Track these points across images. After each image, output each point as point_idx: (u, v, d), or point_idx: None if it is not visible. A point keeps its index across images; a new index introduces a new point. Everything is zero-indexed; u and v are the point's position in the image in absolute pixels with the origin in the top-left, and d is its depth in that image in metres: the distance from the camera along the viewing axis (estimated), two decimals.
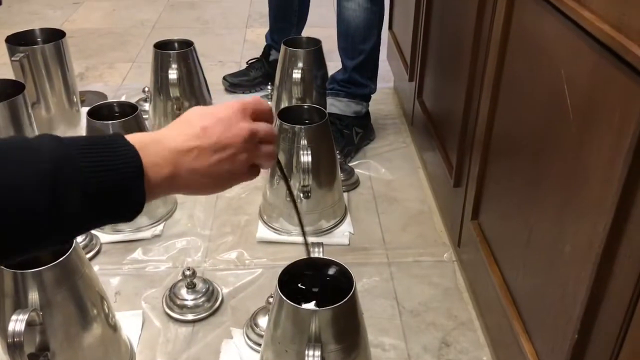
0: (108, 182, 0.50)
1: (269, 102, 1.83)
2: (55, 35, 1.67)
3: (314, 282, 0.92)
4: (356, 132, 1.61)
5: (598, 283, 0.64)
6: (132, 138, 0.54)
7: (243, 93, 1.95)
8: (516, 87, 0.89)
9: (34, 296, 0.86)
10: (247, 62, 2.05)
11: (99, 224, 0.53)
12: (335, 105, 1.60)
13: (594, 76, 0.64)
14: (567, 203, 0.72)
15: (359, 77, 1.59)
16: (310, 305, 0.88)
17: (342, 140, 1.56)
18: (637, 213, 0.57)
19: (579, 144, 0.68)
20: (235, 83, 1.97)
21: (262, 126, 0.62)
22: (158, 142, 0.56)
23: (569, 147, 0.71)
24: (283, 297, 0.82)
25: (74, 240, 0.91)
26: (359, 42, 1.56)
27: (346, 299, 0.82)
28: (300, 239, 1.30)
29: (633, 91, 0.56)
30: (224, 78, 1.99)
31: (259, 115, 0.63)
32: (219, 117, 0.59)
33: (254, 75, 1.96)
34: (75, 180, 0.48)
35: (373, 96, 1.68)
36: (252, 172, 0.64)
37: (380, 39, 1.59)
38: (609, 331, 0.62)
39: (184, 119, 0.59)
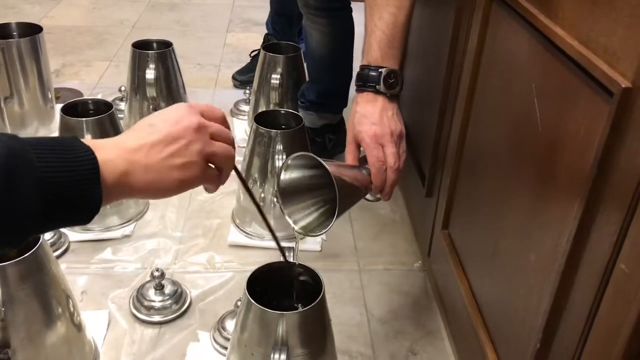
0: (65, 181, 0.49)
1: (247, 106, 1.83)
2: (31, 30, 1.65)
3: (283, 286, 0.92)
4: (329, 139, 1.61)
5: (560, 293, 0.65)
6: (86, 141, 0.54)
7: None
8: (489, 101, 0.91)
9: None
10: (250, 55, 2.07)
11: (55, 225, 0.52)
12: (306, 118, 1.59)
13: (562, 90, 0.66)
14: (533, 214, 0.73)
15: (328, 99, 1.56)
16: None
17: (314, 148, 1.56)
18: (600, 224, 0.58)
19: (547, 156, 0.70)
20: (245, 80, 1.99)
21: (213, 123, 0.63)
22: (111, 142, 0.56)
23: (537, 160, 0.72)
24: (251, 299, 0.82)
25: (41, 237, 0.90)
26: (325, 68, 1.52)
27: (314, 303, 0.82)
28: (272, 244, 1.31)
29: (598, 105, 0.57)
30: (233, 77, 2.05)
31: (208, 117, 0.63)
32: (167, 115, 0.60)
33: None
34: (29, 178, 0.48)
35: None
36: (211, 174, 0.63)
37: (351, 60, 1.54)
38: (570, 342, 0.63)
39: (135, 125, 0.60)
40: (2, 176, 0.46)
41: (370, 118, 0.93)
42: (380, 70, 0.93)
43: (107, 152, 0.54)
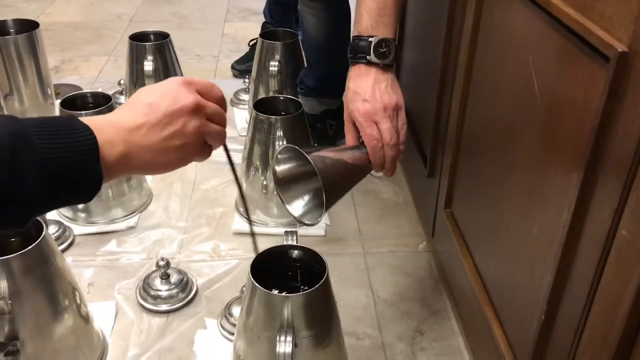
0: (65, 161, 0.50)
1: (246, 95, 1.82)
2: (28, 27, 1.65)
3: (287, 270, 0.92)
4: (329, 125, 1.60)
5: (563, 265, 0.65)
6: (86, 120, 0.54)
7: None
8: (487, 78, 0.90)
9: (2, 284, 0.85)
10: (248, 44, 2.07)
11: (58, 204, 0.53)
12: (306, 104, 1.58)
13: (559, 60, 0.65)
14: (535, 187, 0.73)
15: (327, 85, 1.55)
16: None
17: (315, 134, 1.56)
18: (601, 192, 0.58)
19: (546, 128, 0.69)
20: (244, 70, 1.99)
21: (209, 103, 0.63)
22: (110, 122, 0.56)
23: (536, 132, 0.72)
24: (255, 283, 0.82)
25: (44, 229, 0.90)
26: (322, 54, 1.50)
27: (318, 284, 0.82)
28: (276, 230, 1.31)
29: (595, 72, 0.57)
30: (232, 67, 2.04)
31: (206, 96, 0.63)
32: (164, 91, 0.60)
33: None
34: (31, 158, 0.48)
35: None
36: (204, 149, 0.64)
37: (348, 44, 1.54)
38: (574, 311, 0.63)
39: (131, 100, 0.60)
40: (7, 157, 0.47)
41: (361, 94, 0.89)
42: (370, 39, 0.89)
43: (106, 133, 0.54)
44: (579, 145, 0.60)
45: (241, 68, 2.02)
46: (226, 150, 0.70)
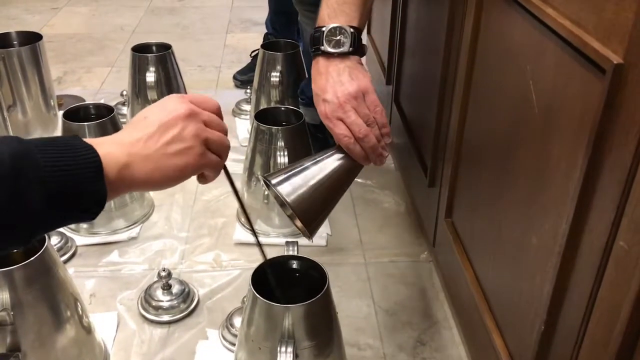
0: (68, 179, 0.50)
1: (248, 106, 1.83)
2: (32, 39, 1.66)
3: (288, 281, 0.92)
4: (330, 134, 1.60)
5: (562, 274, 0.65)
6: (87, 140, 0.55)
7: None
8: (486, 88, 0.91)
9: (4, 295, 0.86)
10: (250, 55, 2.08)
11: (62, 222, 0.53)
12: (307, 114, 1.59)
13: (556, 71, 0.66)
14: (533, 197, 0.73)
15: None
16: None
17: (316, 144, 1.56)
18: (598, 203, 0.58)
19: (544, 138, 0.69)
20: (245, 80, 2.00)
21: (204, 111, 0.63)
22: (109, 140, 0.57)
23: (534, 143, 0.72)
24: (256, 294, 0.82)
25: (46, 241, 0.91)
26: None
27: (319, 295, 0.82)
28: (277, 240, 1.31)
29: (591, 83, 0.57)
30: (234, 77, 2.06)
31: (202, 107, 0.63)
32: (159, 106, 0.61)
33: None
34: (35, 177, 0.49)
35: None
36: (210, 159, 0.63)
37: None
38: (573, 321, 0.63)
39: (130, 122, 0.61)
40: (10, 177, 0.48)
41: (320, 94, 0.83)
42: (323, 28, 0.84)
43: (106, 148, 0.55)
44: (576, 155, 0.60)
45: (243, 79, 2.03)
46: (225, 169, 0.69)
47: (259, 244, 0.83)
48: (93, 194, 0.53)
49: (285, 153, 1.26)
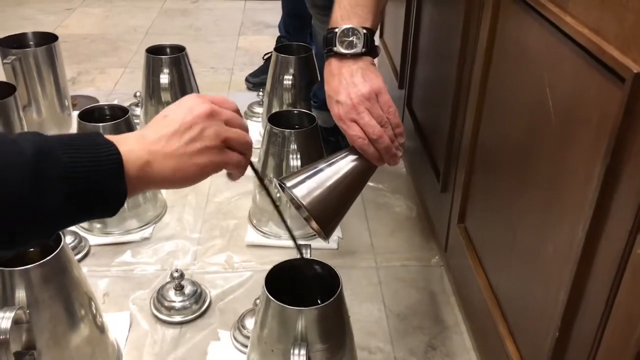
0: (90, 175, 0.51)
1: (260, 108, 1.84)
2: (47, 39, 1.68)
3: (301, 283, 0.92)
4: (342, 137, 1.61)
5: (578, 282, 0.65)
6: (108, 136, 0.56)
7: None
8: (501, 93, 0.91)
9: (20, 294, 0.86)
10: (263, 58, 2.08)
11: (82, 218, 0.53)
12: (320, 118, 1.60)
13: (574, 78, 0.66)
14: (549, 204, 0.73)
15: None
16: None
17: (328, 147, 1.57)
18: (615, 212, 0.58)
19: (560, 146, 0.70)
20: (258, 82, 2.01)
21: (225, 110, 0.63)
22: (131, 137, 0.58)
23: (551, 150, 0.72)
24: (270, 296, 0.83)
25: (62, 240, 0.91)
26: None
27: (332, 298, 0.83)
28: (289, 242, 1.32)
29: (610, 91, 0.57)
30: (246, 79, 2.06)
31: (220, 106, 0.64)
32: (179, 105, 0.62)
33: None
34: (56, 174, 0.49)
35: None
36: (232, 158, 0.64)
37: None
38: (588, 329, 0.63)
39: (151, 122, 0.62)
40: (32, 173, 0.48)
41: (333, 96, 0.83)
42: (336, 29, 0.84)
43: (128, 145, 0.56)
44: (594, 163, 0.60)
45: (255, 81, 2.04)
46: (251, 164, 0.70)
47: (294, 240, 0.84)
48: (114, 191, 0.54)
49: (298, 156, 1.27)
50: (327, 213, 0.80)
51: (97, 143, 0.53)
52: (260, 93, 1.83)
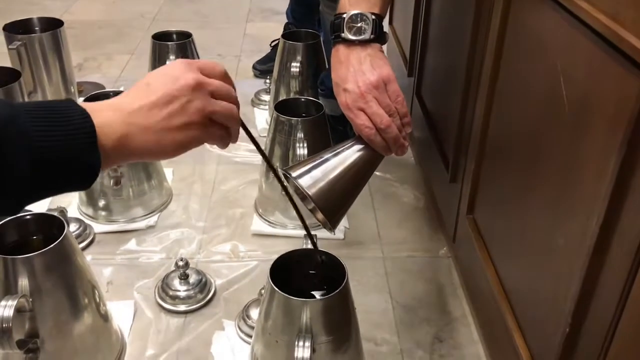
0: (59, 146, 0.49)
1: (267, 96, 1.82)
2: (53, 25, 1.66)
3: (307, 274, 0.91)
4: (350, 126, 1.59)
5: (590, 276, 0.63)
6: (83, 105, 0.53)
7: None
8: (513, 81, 0.89)
9: (23, 282, 0.86)
10: (270, 45, 2.06)
11: (53, 190, 0.51)
12: (327, 106, 1.58)
13: (589, 67, 0.63)
14: (561, 196, 0.71)
15: None
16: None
17: (335, 135, 1.55)
18: (630, 206, 0.56)
19: (574, 136, 0.67)
20: (265, 70, 1.99)
21: (212, 80, 0.60)
22: (109, 105, 0.55)
23: (563, 140, 0.70)
24: (274, 287, 0.82)
25: (65, 228, 0.91)
26: None
27: (338, 290, 0.81)
28: (295, 232, 1.31)
29: (627, 80, 0.55)
30: (254, 67, 2.05)
31: (209, 74, 0.61)
32: (164, 72, 0.58)
33: None
34: (22, 143, 0.47)
35: None
36: (218, 133, 0.61)
37: None
38: (600, 325, 0.61)
39: (133, 87, 0.58)
40: None
41: (341, 84, 0.81)
42: (344, 15, 0.81)
43: (105, 115, 0.53)
44: (608, 154, 0.58)
45: (262, 68, 2.02)
46: (245, 128, 0.66)
47: (305, 226, 0.81)
48: (86, 162, 0.51)
49: (305, 144, 1.25)
50: (333, 204, 0.79)
51: (69, 112, 0.50)
52: (267, 80, 1.81)
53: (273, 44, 2.04)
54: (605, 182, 0.59)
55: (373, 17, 0.81)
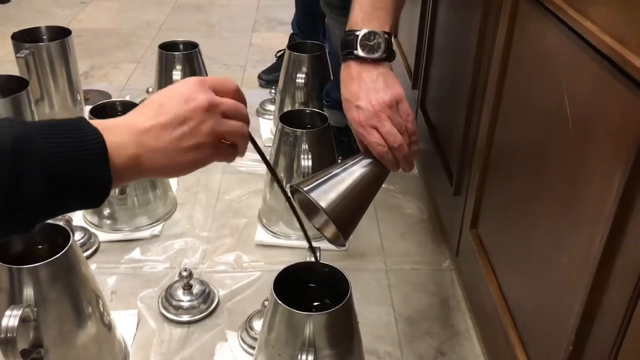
0: (71, 165, 0.49)
1: (272, 106, 1.83)
2: (61, 33, 1.68)
3: (310, 286, 0.91)
4: (355, 138, 1.60)
5: (593, 295, 0.63)
6: (95, 123, 0.53)
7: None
8: (517, 97, 0.89)
9: (28, 292, 0.86)
10: (275, 55, 2.07)
11: (65, 209, 0.51)
12: (332, 117, 1.58)
13: (594, 87, 0.64)
14: (565, 214, 0.72)
15: None
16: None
17: (340, 147, 1.55)
18: (635, 225, 0.57)
19: (578, 155, 0.68)
20: (270, 80, 2.00)
21: (225, 99, 0.60)
22: (121, 124, 0.55)
23: (568, 158, 0.71)
24: (278, 300, 0.82)
25: (71, 238, 0.91)
26: None
27: (341, 304, 0.82)
28: (299, 243, 1.31)
29: (632, 102, 0.55)
30: (259, 76, 2.06)
31: (221, 91, 0.61)
32: (176, 91, 0.58)
33: None
34: (36, 162, 0.47)
35: None
36: (227, 151, 0.62)
37: None
38: (603, 344, 0.62)
39: (145, 102, 0.59)
40: (10, 161, 0.46)
41: (353, 100, 0.82)
42: (357, 32, 0.82)
43: (117, 134, 0.53)
44: (613, 174, 0.59)
45: (268, 78, 2.03)
46: (254, 142, 0.66)
47: (309, 241, 0.83)
48: (97, 181, 0.51)
49: (309, 156, 1.26)
50: (345, 218, 0.80)
51: (81, 130, 0.51)
52: (273, 91, 1.82)
53: (278, 54, 2.05)
54: (609, 202, 0.59)
55: (385, 35, 0.83)
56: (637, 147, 0.54)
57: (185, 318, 1.12)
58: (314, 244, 1.05)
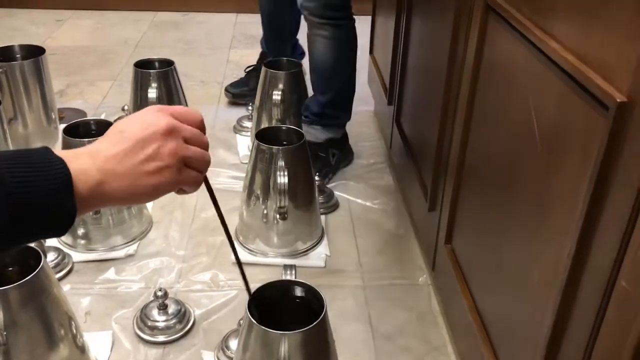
0: (36, 194, 0.49)
1: (249, 123, 1.83)
2: (35, 52, 1.66)
3: (286, 305, 0.91)
4: (332, 154, 1.61)
5: (563, 309, 0.64)
6: (59, 152, 0.53)
7: (245, 104, 1.92)
8: (488, 114, 0.91)
9: None
10: (245, 70, 2.07)
11: (29, 238, 0.51)
12: (310, 132, 1.60)
13: (559, 105, 0.65)
14: (535, 229, 0.72)
15: (332, 111, 1.60)
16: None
17: (318, 163, 1.56)
18: (600, 239, 0.58)
19: (546, 171, 0.69)
20: (237, 93, 2.00)
21: (185, 126, 0.61)
22: (83, 153, 0.55)
23: (536, 174, 0.72)
24: (252, 319, 0.81)
25: (42, 259, 0.90)
26: (328, 77, 1.56)
27: (316, 322, 0.81)
28: (276, 260, 1.31)
29: (595, 120, 0.57)
30: (226, 89, 2.04)
31: (184, 120, 0.61)
32: (137, 119, 0.59)
33: (254, 85, 1.96)
34: (1, 193, 0.47)
35: (354, 118, 1.69)
36: (188, 177, 0.61)
37: (354, 70, 1.60)
38: (573, 357, 0.62)
39: (106, 133, 0.59)
40: None
41: None
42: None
43: (80, 162, 0.53)
44: (579, 190, 0.60)
45: (235, 92, 2.02)
46: (206, 181, 0.67)
47: (244, 275, 0.81)
48: (62, 210, 0.51)
49: (286, 173, 1.26)
50: None
51: (46, 160, 0.51)
52: (250, 107, 1.82)
53: (248, 69, 2.06)
54: (576, 216, 0.60)
55: None
56: (600, 163, 0.55)
57: (161, 338, 1.10)
58: (291, 261, 1.05)
